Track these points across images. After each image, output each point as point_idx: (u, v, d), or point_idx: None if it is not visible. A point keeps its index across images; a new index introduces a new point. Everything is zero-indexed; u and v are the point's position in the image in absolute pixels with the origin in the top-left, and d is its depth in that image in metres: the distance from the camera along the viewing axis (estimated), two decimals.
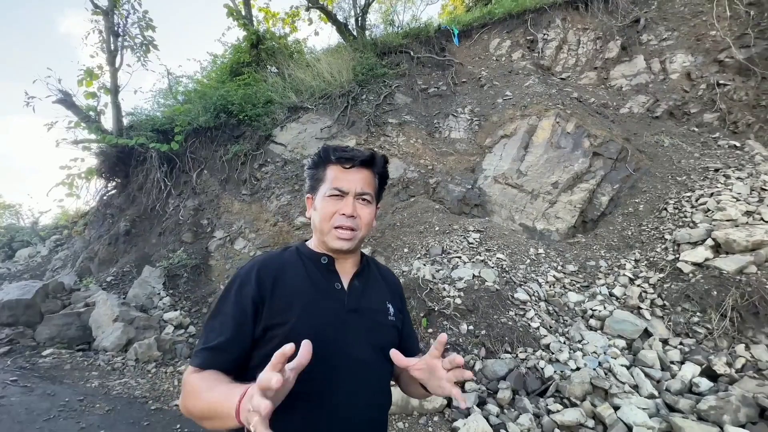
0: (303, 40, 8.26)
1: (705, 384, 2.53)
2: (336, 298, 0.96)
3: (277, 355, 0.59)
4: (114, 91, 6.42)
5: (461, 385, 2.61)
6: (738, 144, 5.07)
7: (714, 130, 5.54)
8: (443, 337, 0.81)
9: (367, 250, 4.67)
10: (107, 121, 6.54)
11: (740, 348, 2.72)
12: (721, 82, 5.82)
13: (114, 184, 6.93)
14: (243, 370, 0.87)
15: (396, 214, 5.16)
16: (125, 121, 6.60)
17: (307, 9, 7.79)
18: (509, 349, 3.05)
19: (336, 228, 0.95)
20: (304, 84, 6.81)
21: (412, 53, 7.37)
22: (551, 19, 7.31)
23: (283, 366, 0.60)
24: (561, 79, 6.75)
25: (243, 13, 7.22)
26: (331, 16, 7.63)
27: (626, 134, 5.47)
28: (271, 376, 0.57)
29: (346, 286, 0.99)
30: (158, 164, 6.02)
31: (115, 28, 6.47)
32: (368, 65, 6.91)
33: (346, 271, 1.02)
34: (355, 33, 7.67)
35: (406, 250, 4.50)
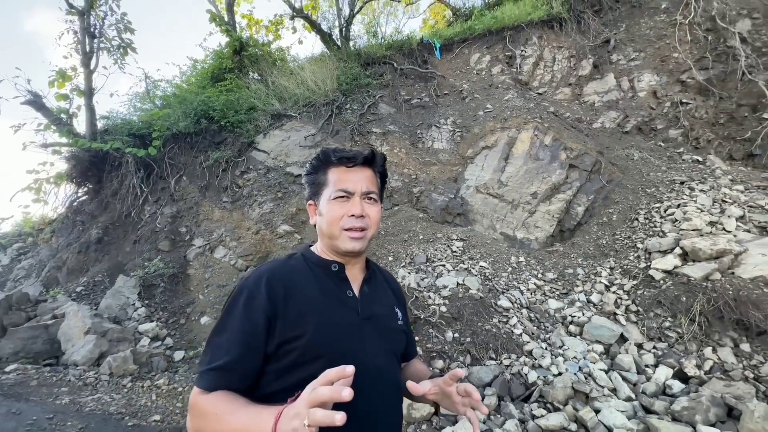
0: (286, 48, 8.27)
1: (677, 386, 2.66)
2: (349, 306, 0.95)
3: (336, 372, 0.61)
4: (88, 93, 6.19)
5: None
6: (700, 159, 5.42)
7: (678, 146, 5.90)
8: (459, 372, 0.89)
9: None
10: (80, 125, 6.31)
11: (708, 351, 2.88)
12: (683, 100, 6.23)
13: (85, 189, 6.64)
14: (253, 389, 0.84)
15: (380, 223, 5.19)
16: (99, 124, 6.37)
17: (292, 18, 7.82)
18: (494, 356, 3.11)
19: (346, 230, 0.94)
20: (287, 91, 6.80)
21: (395, 64, 7.51)
22: (528, 36, 7.63)
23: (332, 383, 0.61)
24: (538, 93, 7.04)
25: (226, 19, 7.16)
26: (315, 26, 7.69)
27: (599, 147, 5.75)
28: (339, 389, 0.57)
29: (357, 293, 0.99)
30: (134, 170, 5.82)
31: (91, 29, 6.27)
32: (352, 75, 6.99)
33: (355, 277, 1.02)
34: (339, 43, 7.75)
35: (390, 258, 4.53)
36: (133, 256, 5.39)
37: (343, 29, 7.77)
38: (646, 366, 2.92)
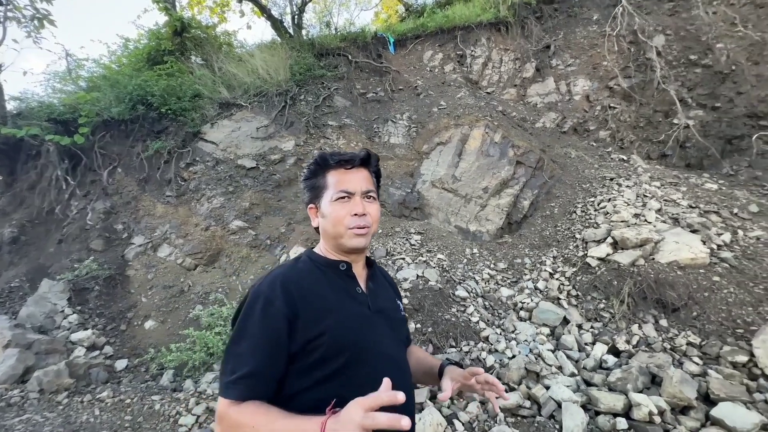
0: (233, 32, 7.77)
1: (611, 360, 3.02)
2: (360, 301, 1.00)
3: (388, 398, 0.64)
4: None
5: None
6: (625, 158, 6.09)
7: (607, 145, 6.57)
8: (478, 370, 1.05)
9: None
10: None
11: (635, 327, 3.30)
12: (611, 105, 6.93)
13: None
14: (276, 392, 0.85)
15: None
16: (10, 106, 5.54)
17: (239, 0, 7.36)
18: (454, 344, 3.27)
19: (351, 228, 0.97)
20: (237, 79, 6.42)
21: (350, 57, 7.41)
22: (478, 37, 7.95)
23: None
24: (487, 93, 7.39)
25: None
26: (265, 11, 7.32)
27: (542, 146, 6.21)
28: (399, 418, 0.61)
29: (364, 288, 1.04)
30: (57, 160, 5.16)
31: None
32: (306, 65, 6.79)
33: (359, 273, 1.07)
34: (291, 31, 7.46)
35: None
36: (58, 258, 4.80)
37: (296, 17, 7.49)
38: (586, 344, 3.26)
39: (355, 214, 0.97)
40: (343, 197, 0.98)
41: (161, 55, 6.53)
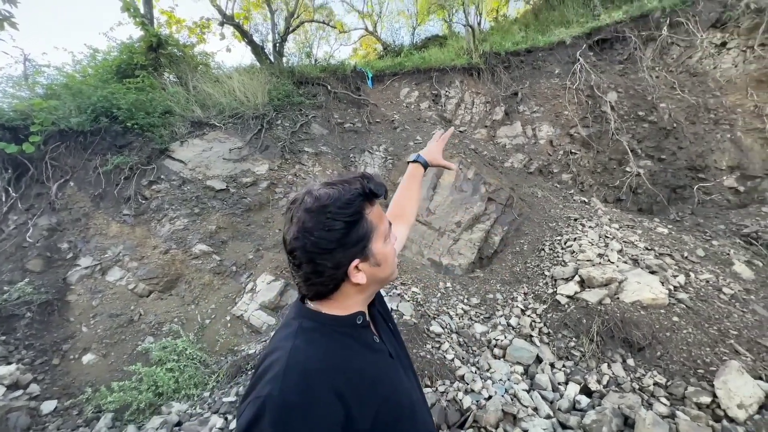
0: (212, 54, 7.69)
1: (584, 401, 3.01)
2: (381, 351, 0.91)
3: None
4: None
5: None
6: (586, 200, 6.48)
7: (570, 187, 6.99)
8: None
9: (279, 284, 4.36)
10: None
11: (604, 366, 3.35)
12: (572, 150, 7.46)
13: None
14: None
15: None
16: None
17: (221, 24, 7.35)
18: (429, 383, 3.14)
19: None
20: (212, 99, 6.28)
21: (329, 87, 7.54)
22: (452, 79, 8.41)
23: None
24: (460, 131, 7.72)
25: (142, 11, 6.40)
26: (247, 36, 7.35)
27: (511, 184, 6.49)
28: None
29: (376, 333, 0.95)
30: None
31: None
32: (285, 91, 6.80)
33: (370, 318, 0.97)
34: (272, 58, 7.51)
35: None
36: None
37: (277, 44, 7.57)
38: (559, 383, 3.25)
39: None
40: (389, 234, 0.89)
41: (132, 69, 6.28)
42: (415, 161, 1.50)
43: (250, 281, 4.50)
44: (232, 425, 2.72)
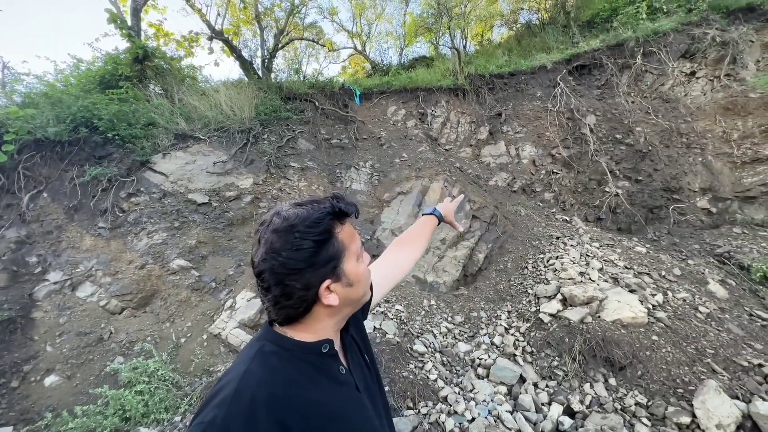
0: (199, 67, 7.68)
1: (568, 422, 2.99)
2: (347, 384, 0.84)
3: None
4: None
5: None
6: (567, 219, 6.62)
7: (552, 206, 7.13)
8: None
9: (260, 301, 4.23)
10: None
11: (587, 386, 3.34)
12: (554, 170, 7.65)
13: None
14: None
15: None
16: None
17: (210, 38, 7.38)
18: (411, 405, 3.06)
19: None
20: (197, 112, 6.22)
21: (317, 103, 7.59)
22: (438, 99, 8.60)
23: None
24: (446, 149, 7.85)
25: (129, 23, 6.38)
26: (235, 51, 7.39)
27: (495, 202, 6.58)
28: None
29: (345, 364, 0.88)
30: None
31: None
32: (272, 106, 6.81)
33: (338, 345, 0.91)
34: (260, 73, 7.55)
35: None
36: None
37: (266, 60, 7.62)
38: (542, 404, 3.22)
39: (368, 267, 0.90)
40: (362, 253, 0.88)
41: (116, 80, 6.20)
42: (431, 213, 1.58)
43: (230, 298, 4.37)
44: None
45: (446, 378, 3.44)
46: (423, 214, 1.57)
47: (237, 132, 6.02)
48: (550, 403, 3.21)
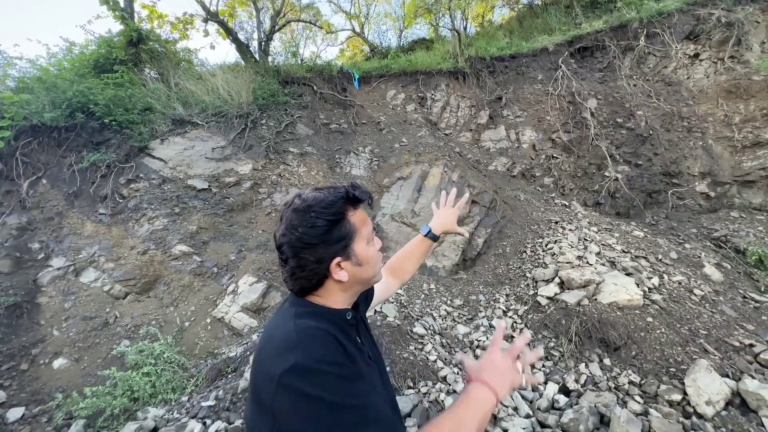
0: (195, 50, 7.54)
1: (563, 400, 3.08)
2: (362, 352, 0.93)
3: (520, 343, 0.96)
4: None
5: None
6: (566, 203, 6.64)
7: (551, 191, 7.14)
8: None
9: (262, 285, 4.30)
10: None
11: (582, 366, 3.43)
12: (554, 155, 7.63)
13: None
14: None
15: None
16: None
17: (205, 20, 7.22)
18: (411, 385, 3.15)
19: (380, 264, 0.97)
20: (194, 97, 6.16)
21: (315, 87, 7.50)
22: (438, 83, 8.49)
23: None
24: (445, 134, 7.80)
25: (122, 5, 6.23)
26: (231, 33, 7.24)
27: (495, 187, 6.59)
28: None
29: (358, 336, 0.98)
30: None
31: None
32: (270, 90, 6.73)
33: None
34: (257, 56, 7.42)
35: None
36: None
37: (263, 43, 7.48)
38: (539, 384, 3.31)
39: (379, 250, 0.97)
40: (372, 237, 0.96)
41: (111, 64, 6.10)
42: (426, 234, 1.50)
43: (232, 283, 4.43)
44: (211, 429, 2.67)
45: (445, 359, 3.52)
46: (422, 234, 1.52)
47: (235, 117, 5.97)
48: (546, 382, 3.31)
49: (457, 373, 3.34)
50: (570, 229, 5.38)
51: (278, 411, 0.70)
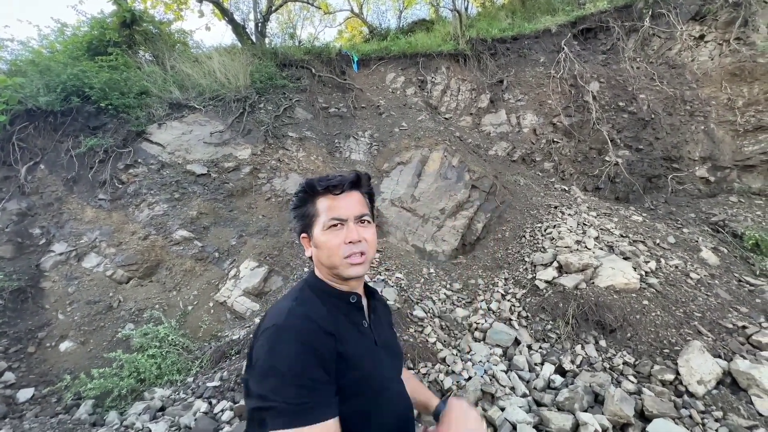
0: (190, 32, 7.38)
1: (559, 380, 3.17)
2: (367, 335, 0.96)
3: None
4: None
5: None
6: (566, 188, 6.64)
7: (551, 176, 7.13)
8: None
9: (263, 270, 4.34)
10: None
11: (578, 348, 3.51)
12: (554, 139, 7.58)
13: None
14: None
15: (293, 232, 4.96)
16: None
17: (200, 0, 7.04)
18: (412, 366, 3.23)
19: (346, 258, 0.91)
20: (190, 80, 6.05)
21: (313, 70, 7.37)
22: (438, 65, 8.35)
23: None
24: (446, 118, 7.72)
25: None
26: (227, 14, 7.07)
27: (494, 172, 6.57)
28: None
29: (368, 320, 1.00)
30: None
31: None
32: (268, 74, 6.61)
33: (363, 298, 1.04)
34: (253, 38, 7.26)
35: (306, 269, 4.35)
36: None
37: (260, 24, 7.31)
38: (535, 364, 3.39)
39: (350, 242, 0.92)
40: (335, 225, 0.93)
41: (104, 46, 5.97)
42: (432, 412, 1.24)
43: (233, 267, 4.47)
44: (217, 409, 2.74)
45: (445, 341, 3.60)
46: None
47: (233, 101, 5.89)
48: (542, 363, 3.39)
49: (456, 355, 3.42)
50: (569, 214, 5.40)
51: (256, 354, 0.83)
